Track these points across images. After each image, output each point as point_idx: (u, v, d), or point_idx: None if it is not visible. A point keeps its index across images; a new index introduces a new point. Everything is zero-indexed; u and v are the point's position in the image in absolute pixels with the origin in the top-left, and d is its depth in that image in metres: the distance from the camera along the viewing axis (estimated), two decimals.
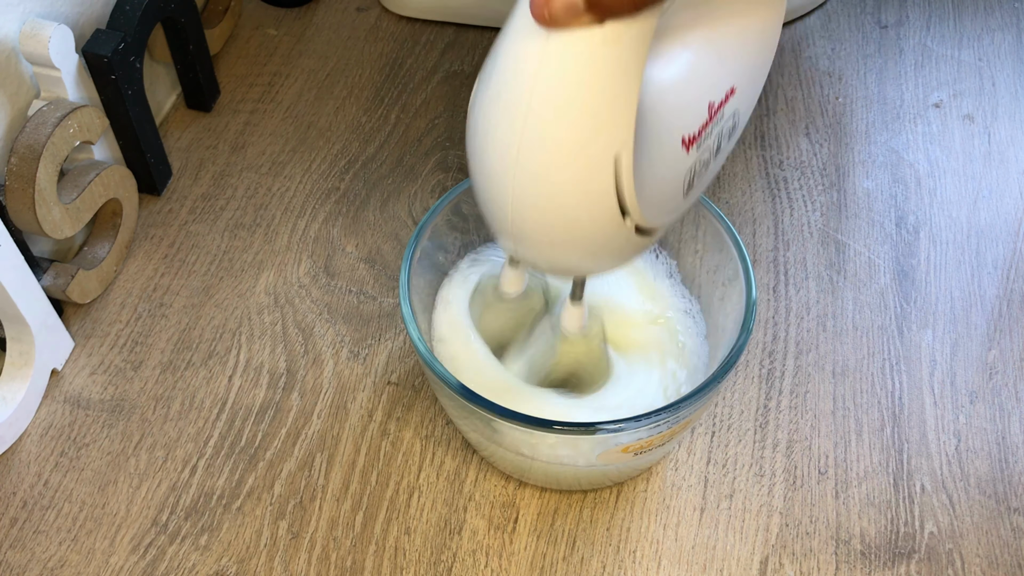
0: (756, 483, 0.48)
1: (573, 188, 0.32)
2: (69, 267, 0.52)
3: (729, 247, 0.45)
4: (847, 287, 0.55)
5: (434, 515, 0.47)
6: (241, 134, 0.62)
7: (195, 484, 0.48)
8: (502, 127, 0.32)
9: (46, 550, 0.46)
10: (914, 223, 0.58)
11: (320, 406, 0.50)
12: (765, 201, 0.58)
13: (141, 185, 0.57)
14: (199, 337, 0.53)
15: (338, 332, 0.53)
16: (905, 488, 0.48)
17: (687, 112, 0.36)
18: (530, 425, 0.40)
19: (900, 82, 0.65)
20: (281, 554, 0.46)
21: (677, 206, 0.37)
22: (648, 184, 0.34)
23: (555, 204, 0.33)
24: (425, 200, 0.59)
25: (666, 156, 0.35)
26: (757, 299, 0.44)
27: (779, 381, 0.51)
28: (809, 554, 0.46)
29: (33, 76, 0.51)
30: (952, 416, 0.50)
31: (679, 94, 0.35)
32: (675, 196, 0.37)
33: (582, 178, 0.32)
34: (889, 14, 0.69)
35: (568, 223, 0.34)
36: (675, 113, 0.35)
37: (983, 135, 0.62)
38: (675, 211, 0.37)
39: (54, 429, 0.50)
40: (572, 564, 0.46)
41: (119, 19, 0.52)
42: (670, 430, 0.41)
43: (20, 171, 0.47)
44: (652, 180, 0.34)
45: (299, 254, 0.56)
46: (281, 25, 0.68)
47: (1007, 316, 0.54)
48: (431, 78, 0.65)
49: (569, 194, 0.33)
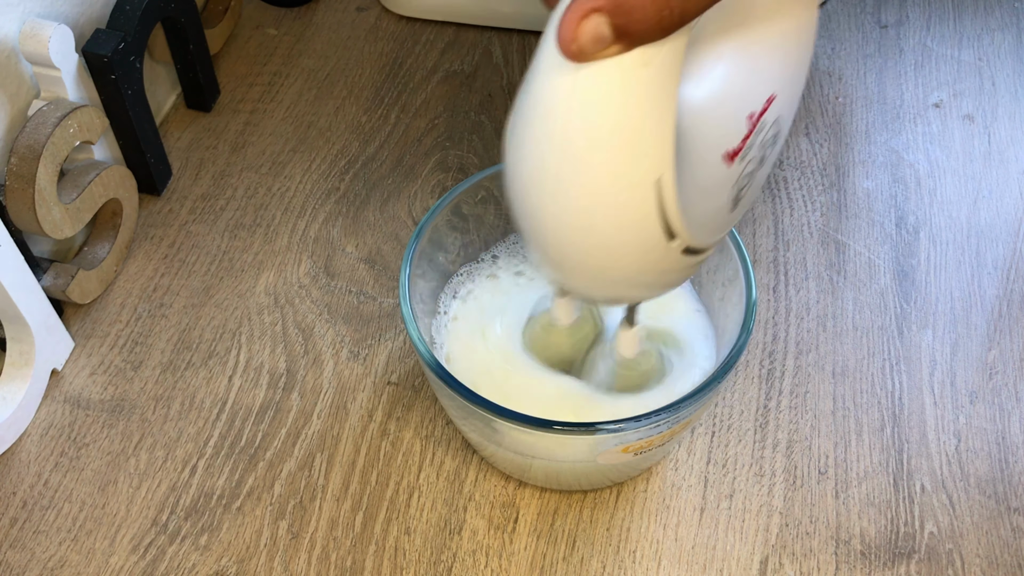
0: (756, 483, 0.48)
1: (616, 218, 0.32)
2: (69, 267, 0.52)
3: (729, 247, 0.45)
4: (847, 287, 0.55)
5: (434, 515, 0.47)
6: (241, 134, 0.62)
7: (195, 484, 0.48)
8: (539, 162, 0.31)
9: (46, 550, 0.46)
10: (914, 223, 0.58)
11: (320, 406, 0.50)
12: (765, 201, 0.58)
13: (141, 185, 0.57)
14: (199, 337, 0.53)
15: (338, 332, 0.53)
16: (905, 488, 0.48)
17: (727, 126, 0.35)
18: (530, 425, 0.40)
19: (900, 82, 0.65)
20: (281, 554, 0.46)
21: (725, 221, 0.36)
22: (693, 203, 0.33)
23: (598, 235, 0.32)
24: (425, 200, 0.59)
25: (709, 173, 0.34)
26: (757, 299, 0.44)
27: (779, 381, 0.51)
28: (809, 554, 0.46)
29: (33, 76, 0.51)
30: (952, 416, 0.50)
31: (717, 109, 0.34)
32: (722, 212, 0.36)
33: (624, 207, 0.31)
34: (889, 14, 0.69)
35: (613, 253, 0.33)
36: (715, 129, 0.34)
37: (983, 135, 0.62)
38: (724, 227, 0.36)
39: (54, 429, 0.50)
40: (572, 564, 0.46)
41: (119, 19, 0.52)
42: (670, 430, 0.41)
43: (20, 171, 0.47)
44: (697, 199, 0.33)
45: (299, 254, 0.56)
46: (281, 25, 0.68)
47: (1007, 316, 0.54)
48: (431, 78, 0.65)
49: (612, 225, 0.32)
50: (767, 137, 0.36)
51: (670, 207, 0.32)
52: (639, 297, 0.39)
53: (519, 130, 0.32)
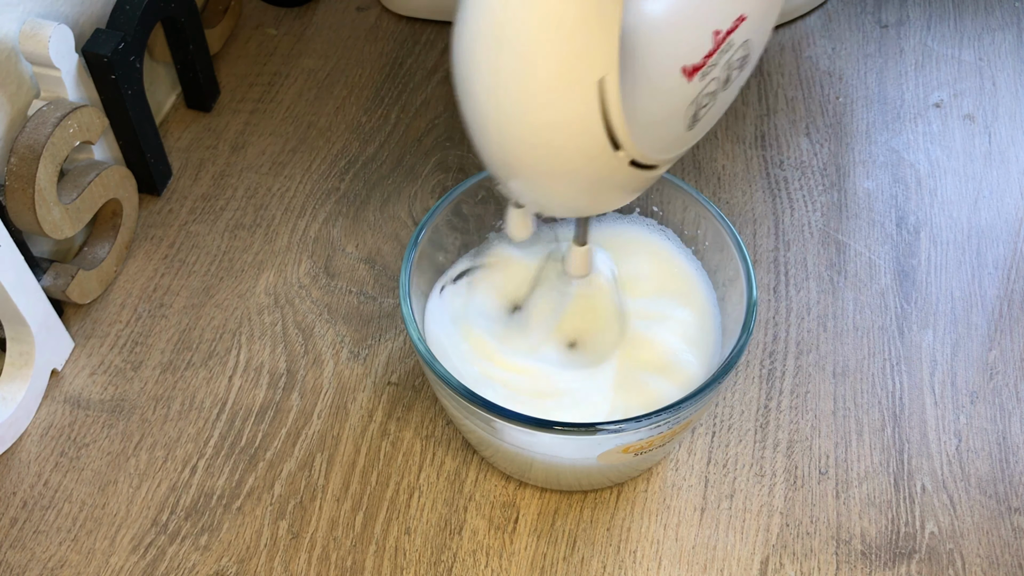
0: (756, 483, 0.48)
1: (556, 116, 0.31)
2: (69, 267, 0.52)
3: (730, 247, 0.45)
4: (847, 287, 0.55)
5: (434, 515, 0.47)
6: (241, 134, 0.62)
7: (195, 484, 0.48)
8: (480, 56, 0.31)
9: (46, 550, 0.46)
10: (915, 223, 0.58)
11: (320, 406, 0.50)
12: (765, 201, 0.58)
13: (141, 185, 0.57)
14: (199, 337, 0.53)
15: (338, 332, 0.53)
16: (906, 488, 0.48)
17: (688, 40, 0.34)
18: (530, 425, 0.40)
19: (900, 82, 0.65)
20: (281, 554, 0.46)
21: (679, 140, 0.35)
22: (643, 115, 0.32)
23: (540, 133, 0.32)
24: (425, 200, 0.59)
25: (664, 86, 0.33)
26: (758, 299, 0.44)
27: (779, 381, 0.51)
28: (810, 554, 0.46)
29: (33, 76, 0.51)
30: (953, 416, 0.50)
31: (678, 21, 0.33)
32: (676, 129, 0.35)
33: (564, 105, 0.31)
34: (889, 14, 0.69)
35: (555, 154, 0.32)
36: (674, 41, 0.33)
37: (984, 135, 0.62)
38: (678, 145, 0.36)
39: (54, 429, 0.50)
40: (572, 564, 0.46)
41: (119, 19, 0.52)
42: (671, 430, 0.41)
43: (20, 171, 0.47)
44: (648, 111, 0.33)
45: (299, 254, 0.56)
46: (281, 25, 0.68)
47: (1008, 316, 0.54)
48: (431, 78, 0.65)
49: (553, 122, 0.31)
50: (734, 58, 0.35)
51: (614, 112, 0.31)
52: (587, 208, 0.38)
53: (465, 25, 0.32)
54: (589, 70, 0.30)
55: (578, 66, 0.30)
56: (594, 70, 0.30)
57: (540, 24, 0.29)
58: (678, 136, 0.35)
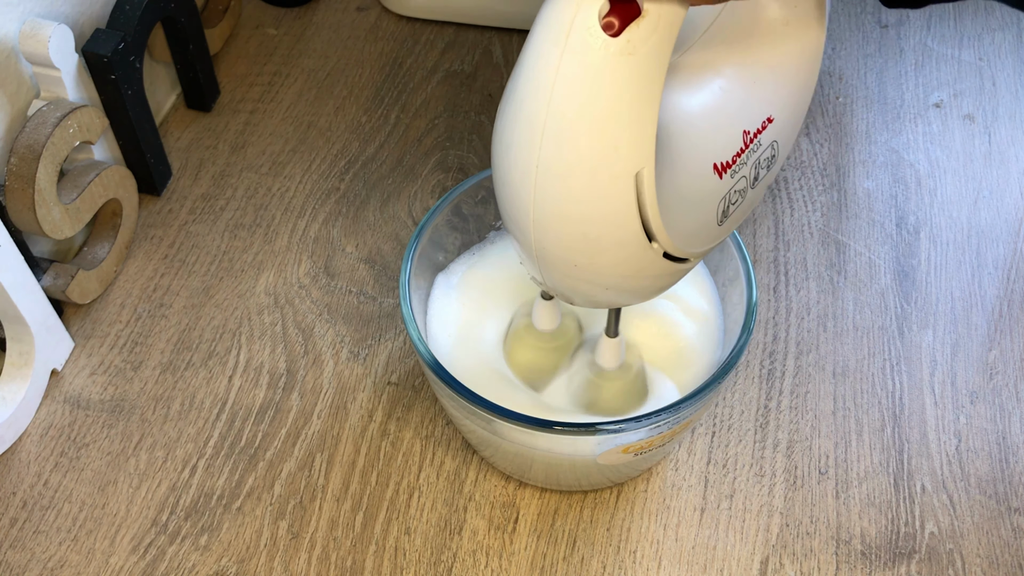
0: (756, 483, 0.48)
1: (593, 205, 0.32)
2: (69, 267, 0.52)
3: (729, 247, 0.45)
4: (847, 287, 0.55)
5: (434, 515, 0.47)
6: (241, 134, 0.62)
7: (195, 484, 0.48)
8: (522, 141, 0.32)
9: (46, 550, 0.46)
10: (914, 223, 0.58)
11: (320, 406, 0.50)
12: (765, 201, 0.58)
13: (141, 185, 0.57)
14: (199, 337, 0.53)
15: (338, 332, 0.53)
16: (906, 488, 0.48)
17: (719, 138, 0.35)
18: (530, 425, 0.40)
19: (900, 82, 0.65)
20: (281, 554, 0.46)
21: (711, 235, 0.36)
22: (677, 209, 0.33)
23: (576, 223, 0.32)
24: (425, 200, 0.59)
25: (697, 182, 0.34)
26: (758, 299, 0.44)
27: (779, 381, 0.51)
28: (809, 554, 0.46)
29: (33, 76, 0.51)
30: (952, 416, 0.50)
31: (711, 120, 0.35)
32: (708, 224, 0.36)
33: (602, 194, 0.31)
34: (889, 13, 0.69)
35: (592, 246, 0.33)
36: (706, 139, 0.35)
37: (983, 135, 0.62)
38: (709, 240, 0.36)
39: (54, 429, 0.50)
40: (572, 564, 0.46)
41: (119, 19, 0.52)
42: (670, 430, 0.41)
43: (20, 171, 0.47)
44: (681, 205, 0.34)
45: (299, 254, 0.56)
46: (281, 25, 0.68)
47: (1007, 316, 0.54)
48: (431, 78, 0.65)
49: (589, 212, 0.32)
50: (762, 157, 0.36)
51: (649, 204, 0.32)
52: (619, 300, 0.38)
53: (506, 107, 0.32)
54: (628, 163, 0.31)
55: (618, 156, 0.31)
56: (633, 163, 0.31)
57: (584, 112, 0.30)
58: (709, 230, 0.36)
